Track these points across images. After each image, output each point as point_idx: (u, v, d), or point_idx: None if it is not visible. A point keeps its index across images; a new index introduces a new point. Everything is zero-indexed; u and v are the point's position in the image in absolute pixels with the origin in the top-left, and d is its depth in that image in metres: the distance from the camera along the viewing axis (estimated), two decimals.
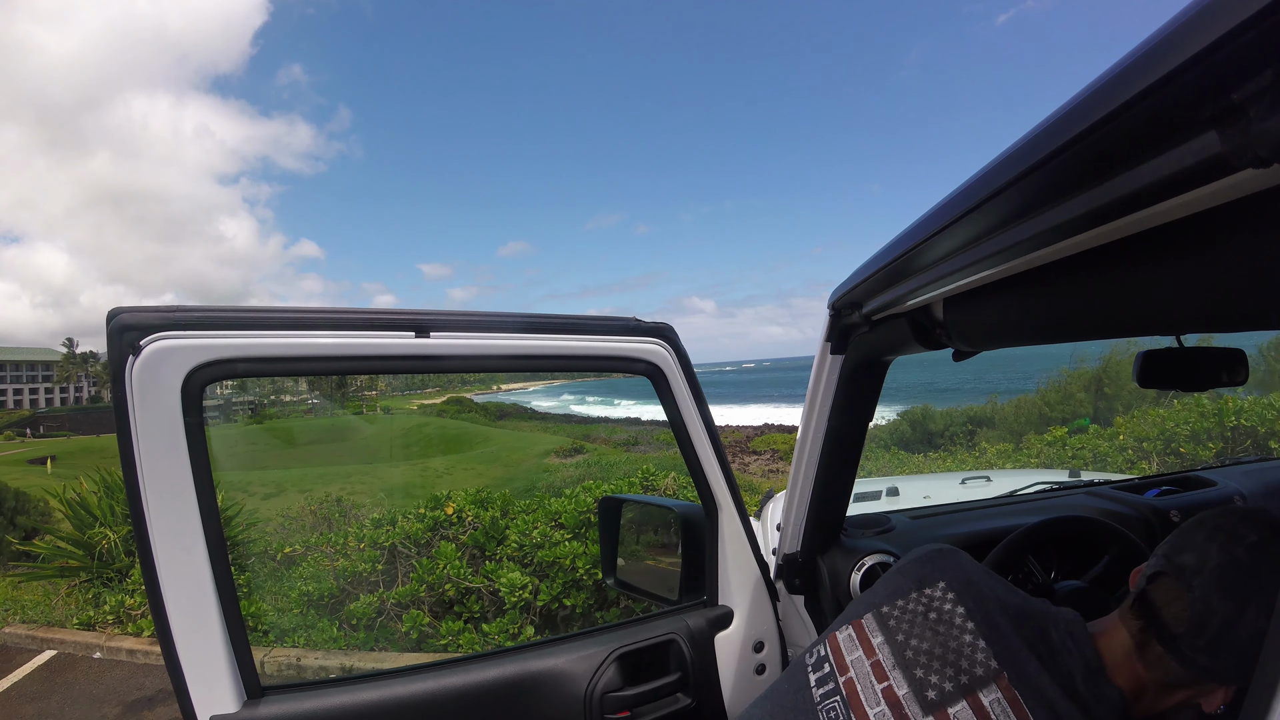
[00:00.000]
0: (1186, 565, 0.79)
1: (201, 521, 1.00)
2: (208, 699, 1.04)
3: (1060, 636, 0.83)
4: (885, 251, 0.93)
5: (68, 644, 5.11)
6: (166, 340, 0.95)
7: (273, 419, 28.65)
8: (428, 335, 1.10)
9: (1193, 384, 1.21)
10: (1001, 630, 0.82)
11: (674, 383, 1.32)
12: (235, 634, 1.05)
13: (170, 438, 0.97)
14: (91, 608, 5.38)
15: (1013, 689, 0.77)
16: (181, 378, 0.96)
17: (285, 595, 4.82)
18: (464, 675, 1.25)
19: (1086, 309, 0.77)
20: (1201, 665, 0.76)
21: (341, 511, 6.90)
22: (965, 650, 0.82)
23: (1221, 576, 0.77)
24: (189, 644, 1.01)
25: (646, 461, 7.18)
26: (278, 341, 1.02)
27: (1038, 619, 0.84)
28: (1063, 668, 0.80)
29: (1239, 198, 0.49)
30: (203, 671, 1.03)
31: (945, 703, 0.78)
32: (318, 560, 4.91)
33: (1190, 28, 0.36)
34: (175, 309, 0.98)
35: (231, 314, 1.01)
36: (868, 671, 0.86)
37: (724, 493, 1.42)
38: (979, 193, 0.62)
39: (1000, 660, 0.79)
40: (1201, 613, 0.76)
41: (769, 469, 14.44)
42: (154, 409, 0.95)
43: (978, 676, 0.79)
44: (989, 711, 0.76)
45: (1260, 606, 0.74)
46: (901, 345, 1.19)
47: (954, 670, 0.80)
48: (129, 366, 0.94)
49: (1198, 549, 0.80)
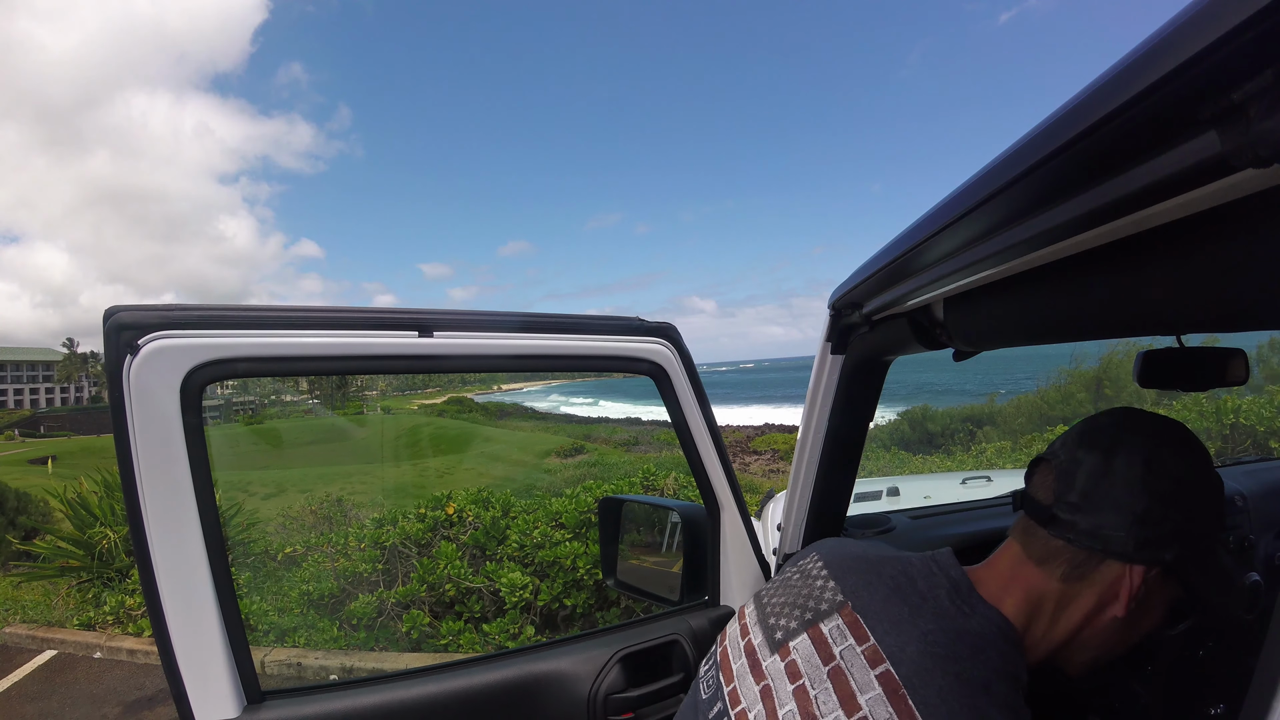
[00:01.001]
0: (1054, 448, 0.78)
1: (201, 525, 0.98)
2: (207, 704, 1.02)
3: (923, 567, 0.79)
4: (885, 251, 0.93)
5: (68, 644, 5.11)
6: (165, 339, 0.93)
7: (273, 419, 28.70)
8: (431, 335, 1.09)
9: (1193, 384, 1.21)
10: (855, 570, 0.81)
11: (677, 382, 1.32)
12: (235, 639, 1.04)
13: (169, 439, 0.94)
14: (92, 608, 5.38)
15: (854, 614, 0.75)
16: (180, 378, 0.94)
17: (285, 595, 4.82)
18: (466, 678, 1.24)
19: (1086, 309, 0.77)
20: (1082, 529, 0.71)
21: (342, 511, 6.91)
22: (815, 593, 0.81)
23: (1083, 434, 0.76)
24: (188, 649, 1.00)
25: (647, 461, 7.19)
26: (279, 341, 1.00)
27: (902, 560, 0.82)
28: (920, 591, 0.76)
29: (1239, 198, 0.49)
30: (202, 676, 1.01)
31: (788, 639, 0.77)
32: (318, 560, 4.92)
33: (1190, 28, 0.36)
34: (174, 307, 0.95)
35: (232, 313, 0.99)
36: (736, 635, 0.88)
37: (726, 493, 1.42)
38: (979, 193, 0.62)
39: (846, 594, 0.77)
40: (1068, 468, 0.74)
41: (769, 469, 14.44)
42: (152, 410, 0.93)
43: (821, 611, 0.78)
44: (827, 637, 0.74)
45: (1131, 456, 0.71)
46: (902, 345, 1.19)
47: (800, 611, 0.80)
48: (127, 366, 0.91)
49: (1063, 437, 0.79)
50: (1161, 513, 0.69)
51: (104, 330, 0.92)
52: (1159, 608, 0.77)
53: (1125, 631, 0.77)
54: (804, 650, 0.75)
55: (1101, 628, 0.75)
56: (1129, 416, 0.76)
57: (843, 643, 0.73)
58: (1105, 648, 0.78)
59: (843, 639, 0.73)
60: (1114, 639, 0.77)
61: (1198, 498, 0.72)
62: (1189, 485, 0.71)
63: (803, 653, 0.75)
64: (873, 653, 0.70)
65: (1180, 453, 0.73)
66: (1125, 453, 0.71)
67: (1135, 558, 0.70)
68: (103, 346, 0.92)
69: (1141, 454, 0.71)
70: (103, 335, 0.92)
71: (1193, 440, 0.75)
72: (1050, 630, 0.76)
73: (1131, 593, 0.71)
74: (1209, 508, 0.73)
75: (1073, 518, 0.72)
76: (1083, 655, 0.79)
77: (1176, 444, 0.73)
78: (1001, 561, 0.81)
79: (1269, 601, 1.90)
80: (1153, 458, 0.71)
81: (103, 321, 0.92)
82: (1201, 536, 0.72)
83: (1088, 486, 0.72)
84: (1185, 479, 0.71)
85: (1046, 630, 0.76)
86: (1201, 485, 0.73)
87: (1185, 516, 0.70)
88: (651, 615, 1.46)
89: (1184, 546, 0.70)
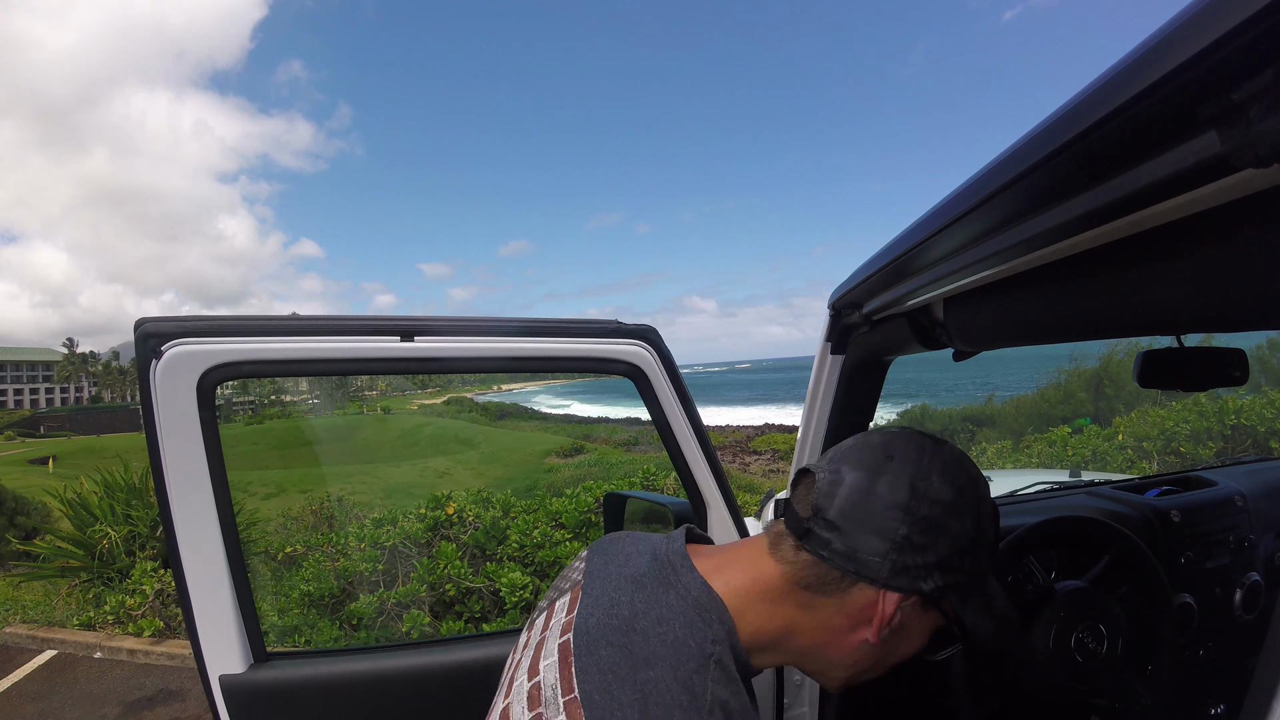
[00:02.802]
0: (821, 460, 0.74)
1: (216, 505, 1.15)
2: (219, 660, 1.18)
3: (657, 541, 0.77)
4: (885, 251, 0.93)
5: (68, 644, 5.11)
6: (184, 345, 1.09)
7: (274, 419, 28.70)
8: (412, 339, 1.20)
9: (1193, 384, 1.21)
10: (603, 550, 0.79)
11: (656, 383, 1.34)
12: (244, 604, 1.20)
13: (188, 431, 1.11)
14: (92, 608, 5.38)
15: (579, 590, 0.74)
16: (197, 378, 1.10)
17: (286, 595, 4.82)
18: (469, 651, 1.29)
19: (1086, 309, 0.77)
20: (837, 549, 0.66)
21: (343, 511, 6.91)
22: (568, 574, 0.81)
23: (852, 449, 0.72)
24: (205, 611, 1.16)
25: (648, 461, 7.19)
26: (280, 346, 1.14)
27: (647, 539, 0.79)
28: (635, 564, 0.73)
29: (1239, 198, 0.49)
30: (215, 636, 1.18)
31: (536, 617, 0.79)
32: (318, 560, 4.92)
33: (1190, 28, 0.36)
34: (192, 319, 1.12)
35: (240, 322, 1.15)
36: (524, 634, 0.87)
37: (713, 491, 1.42)
38: (979, 193, 0.62)
39: (585, 573, 0.76)
40: (831, 483, 0.69)
41: (769, 469, 14.44)
42: (174, 406, 1.09)
43: (562, 590, 0.78)
44: (555, 610, 0.75)
45: (896, 478, 0.67)
46: (901, 345, 1.19)
47: (554, 591, 0.80)
48: (152, 369, 1.07)
49: (834, 449, 0.75)
50: (922, 541, 0.65)
51: (134, 338, 1.09)
52: (917, 636, 0.73)
53: (879, 655, 0.72)
54: (539, 625, 0.76)
55: (852, 649, 0.71)
56: (902, 437, 0.71)
57: (557, 616, 0.73)
58: (858, 668, 0.74)
59: (562, 613, 0.73)
60: (867, 661, 0.73)
61: (965, 527, 0.67)
62: (956, 513, 0.67)
63: (538, 626, 0.76)
64: (568, 623, 0.70)
65: (951, 479, 0.68)
66: (891, 474, 0.67)
67: (890, 585, 0.66)
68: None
69: (907, 477, 0.67)
70: (134, 342, 1.09)
71: (966, 465, 0.71)
72: (770, 624, 0.70)
73: (883, 620, 0.67)
74: (977, 538, 0.69)
75: (828, 535, 0.67)
76: (836, 672, 0.74)
77: (947, 469, 0.68)
78: (739, 547, 0.76)
79: (1269, 601, 1.90)
80: (918, 482, 0.66)
81: (133, 330, 1.10)
82: (967, 568, 0.68)
83: (847, 505, 0.67)
84: (952, 506, 0.67)
85: (765, 623, 0.69)
86: (970, 514, 0.68)
87: (950, 547, 0.66)
88: None
89: (946, 576, 0.66)
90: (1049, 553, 1.59)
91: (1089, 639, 1.33)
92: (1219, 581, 1.75)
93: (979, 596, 0.71)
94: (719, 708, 0.60)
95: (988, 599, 0.72)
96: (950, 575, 0.67)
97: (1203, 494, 1.88)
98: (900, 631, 0.71)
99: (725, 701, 0.60)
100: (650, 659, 0.62)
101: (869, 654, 0.72)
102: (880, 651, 0.72)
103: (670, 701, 0.59)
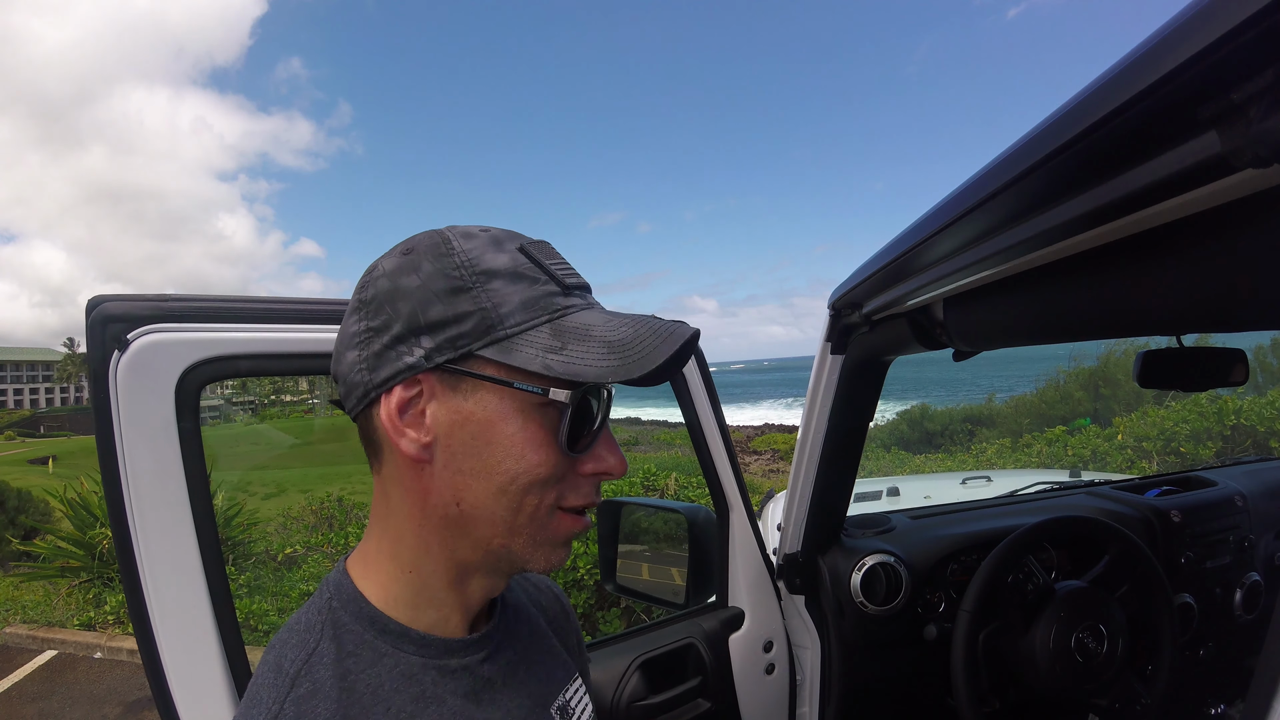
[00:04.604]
0: None
1: (197, 539, 0.84)
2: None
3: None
4: (885, 251, 0.93)
5: (68, 644, 5.11)
6: (158, 334, 0.82)
7: (273, 418, 28.70)
8: None
9: (1193, 384, 1.21)
10: None
11: (692, 384, 1.33)
12: (234, 656, 0.89)
13: (161, 445, 0.82)
14: (92, 608, 5.38)
15: None
16: (176, 376, 0.83)
17: (286, 595, 4.82)
18: None
19: (1086, 309, 0.77)
20: (341, 395, 0.58)
21: (343, 511, 6.90)
22: None
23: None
24: (179, 665, 0.85)
25: (648, 461, 7.18)
26: (285, 336, 0.89)
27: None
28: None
29: (1239, 198, 0.50)
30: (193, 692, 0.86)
31: None
32: (318, 560, 4.91)
33: (1190, 28, 0.36)
34: (168, 298, 0.84)
35: (233, 305, 0.88)
36: None
37: (735, 493, 1.42)
38: (979, 193, 0.62)
39: None
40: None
41: (769, 469, 14.43)
42: (142, 412, 0.81)
43: None
44: None
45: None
46: (901, 345, 1.19)
47: None
48: (113, 363, 0.79)
49: None
50: (381, 320, 0.53)
51: (87, 323, 0.79)
52: (501, 422, 0.53)
53: (478, 476, 0.54)
54: None
55: (441, 493, 0.55)
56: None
57: None
58: (490, 512, 0.54)
59: None
60: (478, 497, 0.54)
61: (431, 269, 0.53)
62: (406, 270, 0.54)
63: None
64: None
65: (397, 250, 0.56)
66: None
67: (378, 384, 0.53)
68: (85, 342, 0.82)
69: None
70: (85, 329, 0.80)
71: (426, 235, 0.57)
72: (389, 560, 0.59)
73: (393, 421, 0.52)
74: (465, 271, 0.53)
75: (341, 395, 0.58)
76: (495, 537, 0.56)
77: (395, 247, 0.57)
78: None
79: (1269, 601, 1.90)
80: (364, 278, 0.57)
81: (86, 313, 0.80)
82: (470, 310, 0.52)
83: (336, 350, 0.58)
84: (400, 267, 0.54)
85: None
86: (430, 256, 0.54)
87: (418, 300, 0.52)
88: (662, 619, 1.46)
89: (437, 333, 0.52)
90: (1049, 553, 1.59)
91: (1089, 639, 1.33)
92: (1219, 581, 1.76)
93: (528, 340, 0.51)
94: None
95: (555, 338, 0.52)
96: (446, 329, 0.51)
97: (1203, 494, 1.88)
98: (460, 430, 0.52)
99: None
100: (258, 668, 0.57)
101: (465, 484, 0.53)
102: (466, 468, 0.52)
103: None
